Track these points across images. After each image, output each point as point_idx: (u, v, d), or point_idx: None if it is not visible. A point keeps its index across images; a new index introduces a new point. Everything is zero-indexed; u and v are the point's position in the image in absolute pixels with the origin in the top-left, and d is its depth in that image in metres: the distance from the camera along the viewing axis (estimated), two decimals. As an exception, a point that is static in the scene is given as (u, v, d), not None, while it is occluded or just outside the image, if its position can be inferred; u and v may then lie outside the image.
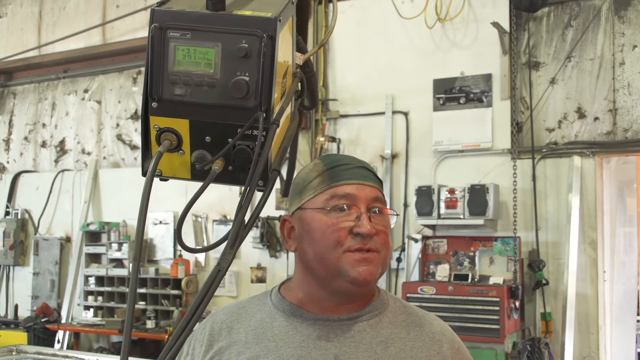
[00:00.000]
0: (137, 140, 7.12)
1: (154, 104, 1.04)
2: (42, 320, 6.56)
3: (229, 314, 1.41)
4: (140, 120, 1.08)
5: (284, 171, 1.24)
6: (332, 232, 1.29)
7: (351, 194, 1.32)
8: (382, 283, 5.44)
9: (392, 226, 1.38)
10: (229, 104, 1.03)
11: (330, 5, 5.82)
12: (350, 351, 1.30)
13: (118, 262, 6.58)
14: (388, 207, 1.39)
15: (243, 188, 1.06)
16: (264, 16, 1.03)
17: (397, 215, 1.36)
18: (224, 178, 1.08)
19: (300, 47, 1.30)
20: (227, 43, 1.02)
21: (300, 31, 1.35)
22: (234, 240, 1.03)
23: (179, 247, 6.48)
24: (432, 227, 5.29)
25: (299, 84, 1.27)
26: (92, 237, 6.82)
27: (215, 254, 6.31)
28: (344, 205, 1.31)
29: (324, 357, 1.29)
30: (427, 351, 1.34)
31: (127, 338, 0.98)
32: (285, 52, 1.12)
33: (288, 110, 1.20)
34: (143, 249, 6.64)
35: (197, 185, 1.10)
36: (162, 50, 1.02)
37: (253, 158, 1.04)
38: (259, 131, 1.03)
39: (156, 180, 1.09)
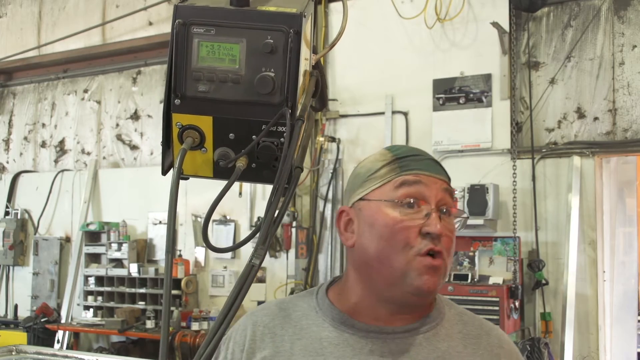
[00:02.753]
0: (137, 140, 7.12)
1: (177, 101, 1.03)
2: (42, 320, 6.55)
3: (271, 316, 1.28)
4: (162, 117, 1.06)
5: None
6: (401, 231, 1.17)
7: (423, 185, 1.20)
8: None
9: (457, 231, 1.24)
10: (254, 100, 1.02)
11: (331, 5, 5.83)
12: None
13: (118, 262, 6.58)
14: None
15: (272, 186, 1.03)
16: (290, 12, 1.02)
17: (468, 217, 1.25)
18: (247, 176, 1.07)
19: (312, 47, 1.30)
20: (252, 39, 1.01)
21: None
22: (266, 236, 1.01)
23: (179, 247, 6.48)
24: (432, 227, 5.28)
25: (315, 84, 1.26)
26: (92, 237, 6.82)
27: (215, 254, 6.32)
28: (413, 201, 1.19)
29: None
30: None
31: (165, 338, 0.95)
32: (305, 49, 1.11)
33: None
34: (142, 249, 6.64)
35: (198, 185, 1.09)
36: (185, 46, 1.01)
37: (281, 155, 1.02)
38: (287, 127, 1.01)
39: (157, 180, 1.08)
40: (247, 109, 1.02)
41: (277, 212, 1.02)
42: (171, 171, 1.10)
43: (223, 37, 1.01)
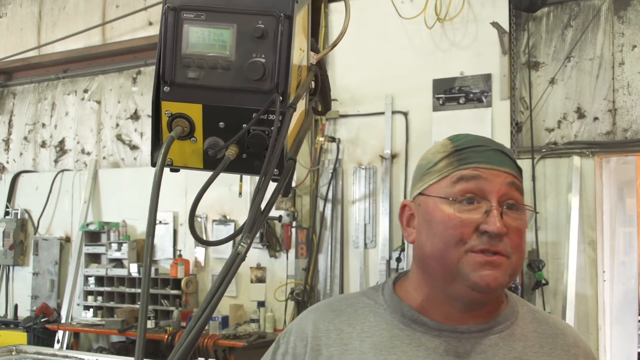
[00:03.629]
0: (137, 140, 7.12)
1: (166, 88, 1.01)
2: (42, 320, 6.56)
3: (336, 312, 1.21)
4: (151, 108, 1.04)
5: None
6: (455, 227, 1.11)
7: (482, 179, 1.12)
8: (381, 283, 5.44)
9: (527, 225, 1.16)
10: (244, 87, 0.99)
11: (331, 5, 5.83)
12: None
13: (118, 262, 6.58)
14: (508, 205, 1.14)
15: (259, 177, 1.01)
16: None
17: (537, 213, 1.19)
18: (238, 166, 1.04)
19: (313, 47, 1.28)
20: (242, 24, 0.99)
21: (313, 34, 1.33)
22: (252, 225, 1.00)
23: (178, 247, 6.48)
24: (432, 227, 5.28)
25: (314, 80, 1.24)
26: (92, 237, 6.82)
27: (215, 254, 6.32)
28: (472, 196, 1.12)
29: None
30: None
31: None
32: (301, 39, 1.08)
33: (302, 105, 1.17)
34: (142, 249, 6.63)
35: (198, 187, 1.07)
36: (175, 32, 0.99)
37: (269, 142, 1.00)
38: (276, 114, 0.99)
39: (163, 179, 1.05)
40: (237, 96, 1.00)
41: (265, 201, 1.00)
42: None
43: (213, 23, 0.99)
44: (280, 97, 0.99)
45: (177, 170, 1.10)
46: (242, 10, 0.99)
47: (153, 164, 1.06)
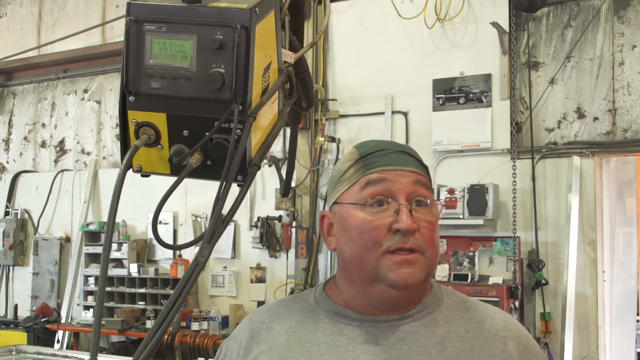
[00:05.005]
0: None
1: (131, 98, 1.03)
2: (42, 320, 6.56)
3: (270, 312, 1.28)
4: (118, 115, 1.06)
5: (283, 171, 1.23)
6: (369, 231, 1.15)
7: (388, 181, 1.17)
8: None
9: (438, 218, 1.21)
10: (206, 97, 1.01)
11: (331, 5, 5.82)
12: (403, 355, 1.15)
13: (117, 262, 6.58)
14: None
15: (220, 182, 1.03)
16: (239, 7, 1.02)
17: (443, 205, 1.23)
18: (202, 173, 1.07)
19: (293, 46, 1.28)
20: (202, 35, 1.01)
21: (296, 31, 1.33)
22: (211, 235, 1.01)
23: (178, 247, 6.49)
24: (432, 227, 5.28)
25: (289, 82, 1.25)
26: (92, 237, 6.82)
27: (215, 254, 6.31)
28: (382, 198, 1.17)
29: None
30: (489, 350, 1.18)
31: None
32: (266, 46, 1.10)
33: (275, 108, 1.19)
34: (142, 249, 6.64)
35: (197, 187, 1.09)
36: (138, 43, 1.01)
37: (229, 151, 1.02)
38: (234, 123, 1.01)
39: (157, 178, 1.08)
40: (199, 105, 1.02)
41: (223, 210, 1.03)
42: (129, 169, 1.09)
43: (174, 34, 1.01)
44: (240, 107, 1.01)
45: (147, 176, 1.13)
46: (202, 22, 1.01)
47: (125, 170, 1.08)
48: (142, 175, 1.12)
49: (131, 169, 1.10)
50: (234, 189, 1.08)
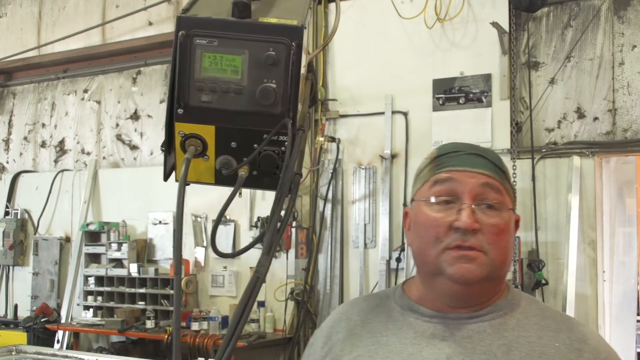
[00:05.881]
0: (137, 140, 7.12)
1: (180, 111, 1.04)
2: (42, 320, 6.55)
3: (352, 305, 1.37)
4: (164, 126, 1.07)
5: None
6: (432, 227, 1.21)
7: (455, 181, 1.21)
8: (382, 283, 5.44)
9: (508, 220, 1.22)
10: (256, 111, 1.03)
11: (330, 5, 5.82)
12: (466, 352, 1.18)
13: (118, 262, 6.58)
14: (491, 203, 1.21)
15: (275, 194, 1.05)
16: (291, 24, 1.03)
17: (512, 209, 1.24)
18: (248, 183, 1.09)
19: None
20: (254, 50, 1.02)
21: None
22: (269, 247, 1.03)
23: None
24: (432, 227, 5.28)
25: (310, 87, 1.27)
26: (92, 237, 6.81)
27: (214, 254, 6.31)
28: (448, 198, 1.21)
29: (436, 356, 1.18)
30: (559, 359, 1.17)
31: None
32: (303, 57, 1.12)
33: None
34: (142, 249, 6.64)
35: (197, 187, 1.09)
36: (188, 57, 1.02)
37: (281, 162, 1.05)
38: (289, 138, 1.03)
39: (157, 180, 1.08)
40: (249, 118, 1.04)
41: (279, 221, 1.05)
42: (173, 175, 1.11)
43: (225, 49, 1.02)
44: (291, 120, 1.04)
45: (187, 184, 1.14)
46: (254, 38, 1.02)
47: (165, 179, 1.12)
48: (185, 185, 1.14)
49: (173, 177, 1.12)
50: (224, 189, 1.09)
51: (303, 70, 1.13)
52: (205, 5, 1.07)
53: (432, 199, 1.22)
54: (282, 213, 1.07)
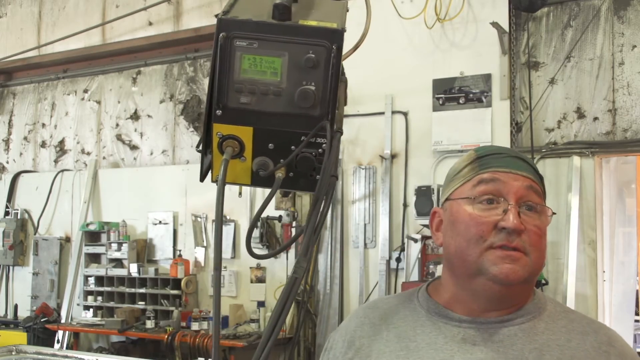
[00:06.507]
0: (137, 140, 7.12)
1: (219, 112, 1.04)
2: (42, 320, 6.56)
3: (374, 308, 1.34)
4: (202, 127, 1.08)
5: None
6: (476, 225, 1.19)
7: (500, 182, 1.21)
8: (382, 283, 5.44)
9: (547, 224, 1.23)
10: (294, 113, 1.04)
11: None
12: (498, 357, 1.17)
13: (117, 262, 6.58)
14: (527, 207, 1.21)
15: (312, 196, 1.06)
16: (331, 27, 1.05)
17: (554, 214, 1.24)
18: (284, 184, 1.09)
19: None
20: (293, 53, 1.03)
21: None
22: (307, 248, 1.03)
23: (178, 247, 6.48)
24: (432, 227, 5.29)
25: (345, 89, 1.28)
26: (92, 237, 6.82)
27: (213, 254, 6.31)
28: (492, 197, 1.20)
29: None
30: None
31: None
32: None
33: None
34: (142, 249, 6.64)
35: (197, 187, 1.09)
36: (228, 59, 1.02)
37: (318, 164, 1.05)
38: (327, 140, 1.04)
39: (157, 180, 1.08)
40: (287, 120, 1.04)
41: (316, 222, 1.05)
42: (209, 177, 1.11)
43: (265, 51, 1.03)
44: (329, 123, 1.04)
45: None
46: (294, 40, 1.03)
47: (201, 179, 1.13)
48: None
49: (210, 177, 1.12)
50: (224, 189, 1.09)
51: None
52: (244, 7, 1.07)
53: (477, 197, 1.21)
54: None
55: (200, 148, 1.11)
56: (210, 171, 1.12)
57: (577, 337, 1.21)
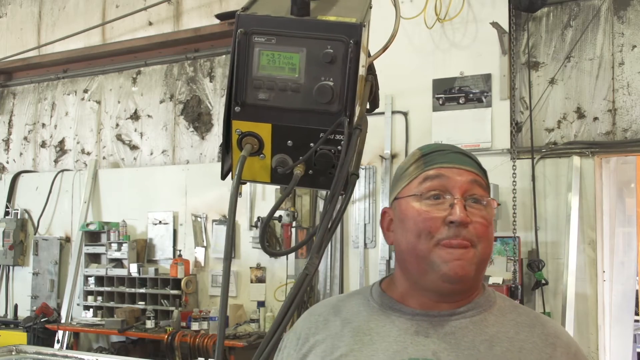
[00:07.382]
0: (137, 140, 7.12)
1: (237, 108, 1.04)
2: (42, 320, 6.56)
3: (328, 306, 1.36)
4: (222, 124, 1.08)
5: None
6: (424, 221, 1.22)
7: (445, 177, 1.25)
8: (381, 283, 5.44)
9: (493, 216, 1.27)
10: (313, 109, 1.03)
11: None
12: (450, 348, 1.20)
13: (117, 262, 6.58)
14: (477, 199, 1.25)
15: (326, 193, 1.05)
16: (350, 22, 1.03)
17: (499, 205, 1.28)
18: (303, 181, 1.08)
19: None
20: (312, 48, 1.02)
21: None
22: (319, 245, 1.02)
23: (178, 247, 6.48)
24: (432, 227, 5.29)
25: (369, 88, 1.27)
26: (92, 237, 6.82)
27: (215, 254, 6.32)
28: (438, 193, 1.24)
29: (422, 353, 1.20)
30: (537, 354, 1.21)
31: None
32: (363, 57, 1.12)
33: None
34: (142, 249, 6.64)
35: (197, 187, 1.09)
36: (246, 55, 1.02)
37: (337, 163, 1.04)
38: (345, 136, 1.03)
39: (157, 180, 1.08)
40: (305, 117, 1.04)
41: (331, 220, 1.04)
42: (229, 176, 1.11)
43: (283, 47, 1.02)
44: (348, 119, 1.03)
45: (244, 183, 1.13)
46: (312, 35, 1.02)
47: (222, 177, 1.12)
48: (241, 183, 1.12)
49: (230, 175, 1.11)
50: (224, 189, 1.09)
51: (362, 70, 1.13)
52: (264, 3, 1.07)
53: (424, 193, 1.24)
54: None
55: (223, 146, 1.11)
56: (232, 170, 1.11)
57: (525, 330, 1.25)
